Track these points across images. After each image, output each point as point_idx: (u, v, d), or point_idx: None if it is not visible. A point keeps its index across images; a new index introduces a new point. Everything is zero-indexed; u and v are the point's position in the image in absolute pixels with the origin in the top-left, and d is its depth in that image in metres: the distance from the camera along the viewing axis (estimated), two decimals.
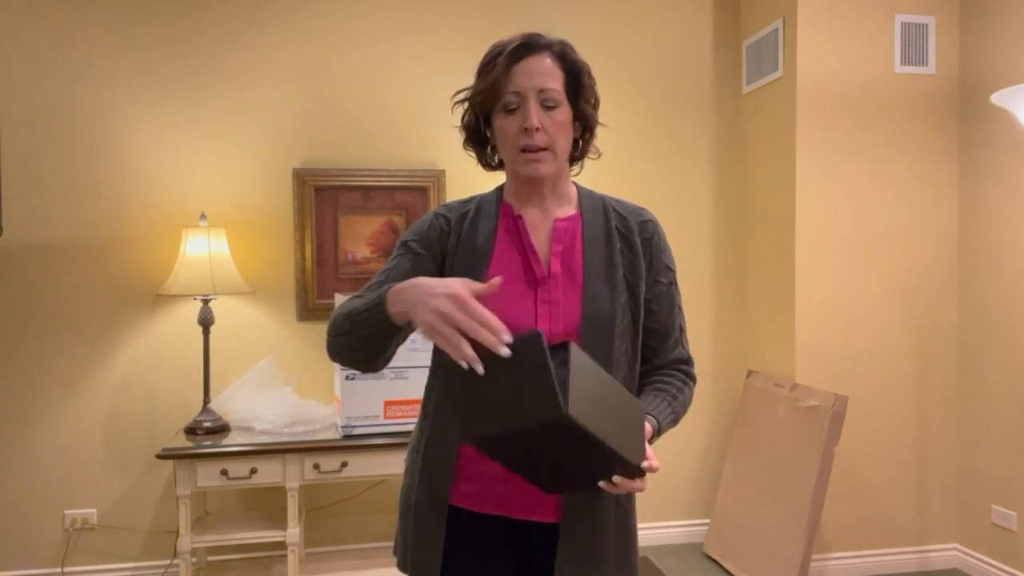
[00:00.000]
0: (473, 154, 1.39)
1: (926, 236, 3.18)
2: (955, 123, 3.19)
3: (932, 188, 3.18)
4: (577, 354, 1.02)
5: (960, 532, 3.21)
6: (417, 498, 1.31)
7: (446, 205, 1.39)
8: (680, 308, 1.40)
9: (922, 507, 3.21)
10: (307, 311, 3.19)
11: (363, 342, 1.20)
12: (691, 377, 1.39)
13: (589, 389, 1.02)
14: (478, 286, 1.07)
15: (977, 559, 3.11)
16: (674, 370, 1.38)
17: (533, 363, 1.00)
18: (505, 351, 1.01)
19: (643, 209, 1.39)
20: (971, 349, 3.14)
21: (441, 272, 1.33)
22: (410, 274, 1.29)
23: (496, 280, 1.08)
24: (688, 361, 1.40)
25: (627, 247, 1.33)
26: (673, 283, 1.38)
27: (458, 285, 1.05)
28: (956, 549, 3.22)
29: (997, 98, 2.42)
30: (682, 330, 1.39)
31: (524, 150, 1.27)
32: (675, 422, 1.32)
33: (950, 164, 3.19)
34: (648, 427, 1.23)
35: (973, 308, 3.13)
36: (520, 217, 1.34)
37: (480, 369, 1.01)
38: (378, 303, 1.15)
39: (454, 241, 1.33)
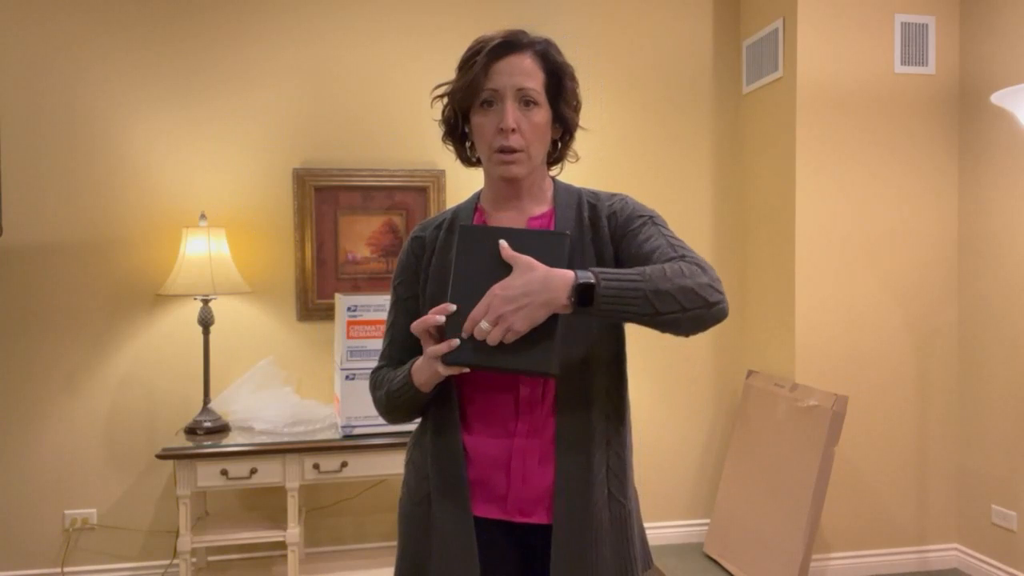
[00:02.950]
0: (452, 148, 1.38)
1: (926, 236, 3.18)
2: (955, 123, 3.19)
3: (932, 188, 3.18)
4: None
5: (960, 532, 3.21)
6: (435, 512, 1.29)
7: (422, 223, 1.40)
8: (665, 236, 1.25)
9: (922, 507, 3.21)
10: (307, 311, 3.19)
11: (409, 408, 1.32)
12: (683, 258, 1.19)
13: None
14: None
15: (977, 559, 3.11)
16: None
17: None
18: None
19: (615, 194, 1.36)
20: (971, 349, 3.14)
21: (420, 295, 1.36)
22: (408, 330, 1.37)
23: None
24: (682, 256, 1.20)
25: (596, 235, 1.31)
26: (648, 223, 1.28)
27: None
28: (956, 549, 3.22)
29: (997, 98, 2.42)
30: (673, 246, 1.23)
31: (499, 151, 1.25)
32: (640, 279, 1.12)
33: (950, 164, 3.19)
34: (567, 272, 1.12)
35: (973, 308, 3.13)
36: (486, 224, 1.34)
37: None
38: (406, 383, 1.28)
39: (428, 257, 1.35)
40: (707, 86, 3.51)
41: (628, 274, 1.13)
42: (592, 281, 1.10)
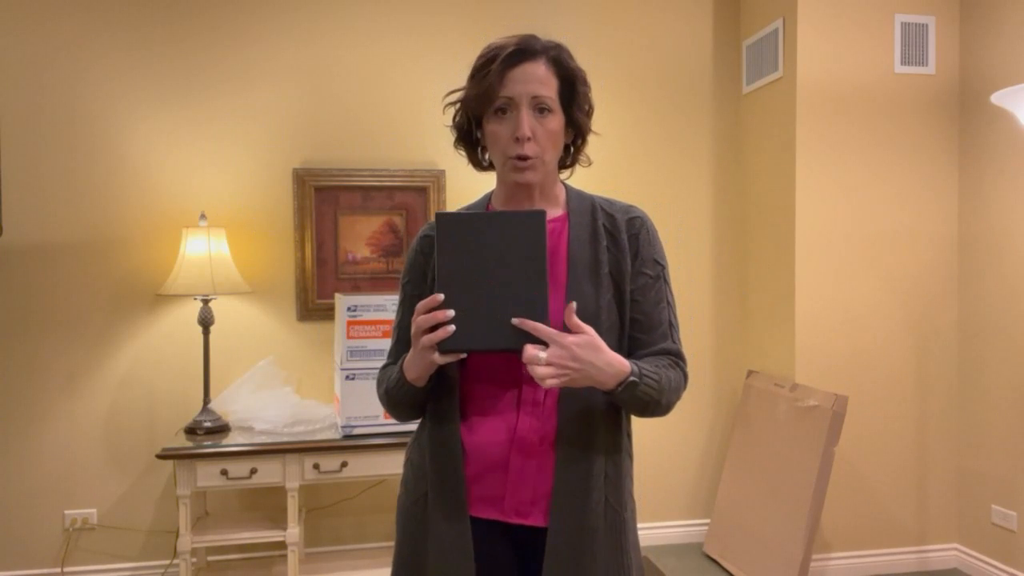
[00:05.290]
0: (464, 154, 1.39)
1: (926, 236, 3.18)
2: (955, 123, 3.19)
3: (932, 188, 3.18)
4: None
5: (960, 532, 3.21)
6: (432, 510, 1.30)
7: (430, 222, 1.39)
8: (670, 304, 1.35)
9: (922, 507, 3.21)
10: (307, 311, 3.19)
11: (409, 403, 1.33)
12: (679, 366, 1.32)
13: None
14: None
15: (977, 559, 3.11)
16: (659, 354, 1.31)
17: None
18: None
19: (632, 207, 1.37)
20: (971, 349, 3.14)
21: (427, 293, 1.35)
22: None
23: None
24: (678, 353, 1.33)
25: (613, 244, 1.32)
26: (661, 278, 1.34)
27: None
28: (956, 549, 3.22)
29: (997, 98, 2.42)
30: (672, 326, 1.34)
31: (514, 158, 1.26)
32: (658, 387, 1.25)
33: (950, 164, 3.19)
34: (624, 364, 1.21)
35: (973, 308, 3.13)
36: None
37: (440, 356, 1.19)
38: (400, 379, 1.30)
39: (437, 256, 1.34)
40: (707, 86, 3.51)
41: (655, 379, 1.24)
42: (637, 380, 1.22)
